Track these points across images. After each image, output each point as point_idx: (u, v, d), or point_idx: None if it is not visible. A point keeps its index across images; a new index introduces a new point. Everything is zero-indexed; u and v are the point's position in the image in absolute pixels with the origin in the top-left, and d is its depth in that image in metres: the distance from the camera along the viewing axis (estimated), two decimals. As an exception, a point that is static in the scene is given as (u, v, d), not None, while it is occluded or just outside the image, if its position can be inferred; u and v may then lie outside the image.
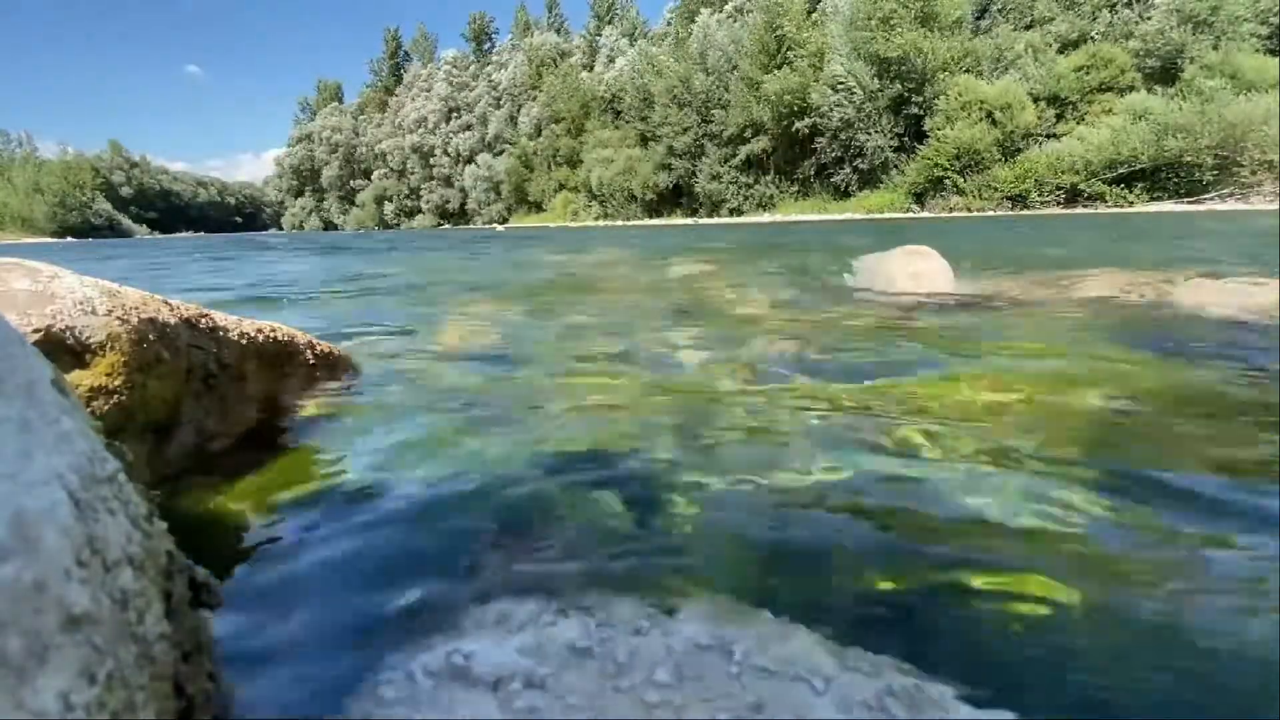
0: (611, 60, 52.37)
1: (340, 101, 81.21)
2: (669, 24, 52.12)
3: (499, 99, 61.82)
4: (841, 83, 32.77)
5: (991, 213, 27.21)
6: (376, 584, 0.94)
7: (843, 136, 33.71)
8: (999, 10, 35.34)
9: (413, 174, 67.21)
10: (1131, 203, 26.08)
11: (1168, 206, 24.24)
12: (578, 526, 1.10)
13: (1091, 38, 31.70)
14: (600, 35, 57.51)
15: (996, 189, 29.18)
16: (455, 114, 64.91)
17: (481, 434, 1.58)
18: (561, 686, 0.68)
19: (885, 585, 0.93)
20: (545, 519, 1.13)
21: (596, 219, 46.42)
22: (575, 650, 0.74)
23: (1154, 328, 2.81)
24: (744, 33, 38.79)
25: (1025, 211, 27.07)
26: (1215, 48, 27.61)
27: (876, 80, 32.51)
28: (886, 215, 29.68)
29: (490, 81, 63.21)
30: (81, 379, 1.13)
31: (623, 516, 1.15)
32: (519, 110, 59.16)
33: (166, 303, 1.41)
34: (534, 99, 56.81)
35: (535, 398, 1.88)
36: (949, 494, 1.20)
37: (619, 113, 48.56)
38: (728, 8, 44.52)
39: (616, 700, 0.66)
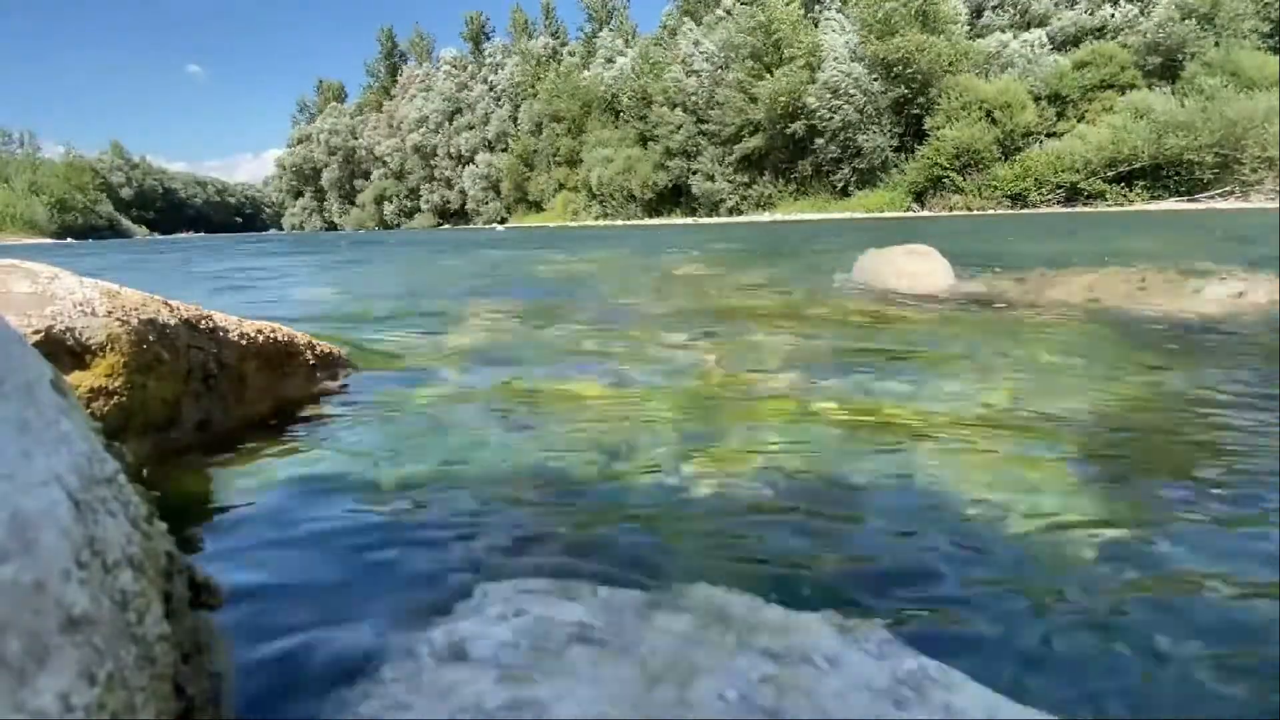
0: (610, 61, 52.25)
1: (342, 102, 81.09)
2: (663, 26, 52.03)
3: (498, 98, 61.76)
4: (839, 87, 32.63)
5: (991, 211, 27.18)
6: (376, 574, 0.94)
7: (840, 138, 33.61)
8: (994, 8, 35.29)
9: (412, 174, 67.17)
10: (1131, 201, 26.06)
11: (1168, 204, 24.22)
12: (577, 515, 1.10)
13: (1092, 32, 31.64)
14: (596, 38, 57.44)
15: (996, 188, 29.15)
16: (458, 114, 64.81)
17: (480, 429, 1.58)
18: (564, 665, 0.68)
19: (888, 569, 0.94)
20: (543, 509, 1.13)
21: (596, 219, 46.32)
22: (578, 631, 0.74)
23: (1150, 326, 2.81)
24: (738, 37, 38.36)
25: (1025, 210, 27.04)
26: (1217, 44, 27.57)
27: (878, 83, 32.37)
28: (886, 214, 29.66)
29: (488, 82, 63.17)
30: (81, 380, 1.13)
31: (624, 505, 1.15)
32: (518, 109, 59.07)
33: (166, 303, 1.41)
34: (534, 95, 56.69)
35: (533, 394, 1.88)
36: (951, 485, 1.20)
37: (618, 113, 48.49)
38: (718, 10, 44.16)
39: (620, 677, 0.66)
